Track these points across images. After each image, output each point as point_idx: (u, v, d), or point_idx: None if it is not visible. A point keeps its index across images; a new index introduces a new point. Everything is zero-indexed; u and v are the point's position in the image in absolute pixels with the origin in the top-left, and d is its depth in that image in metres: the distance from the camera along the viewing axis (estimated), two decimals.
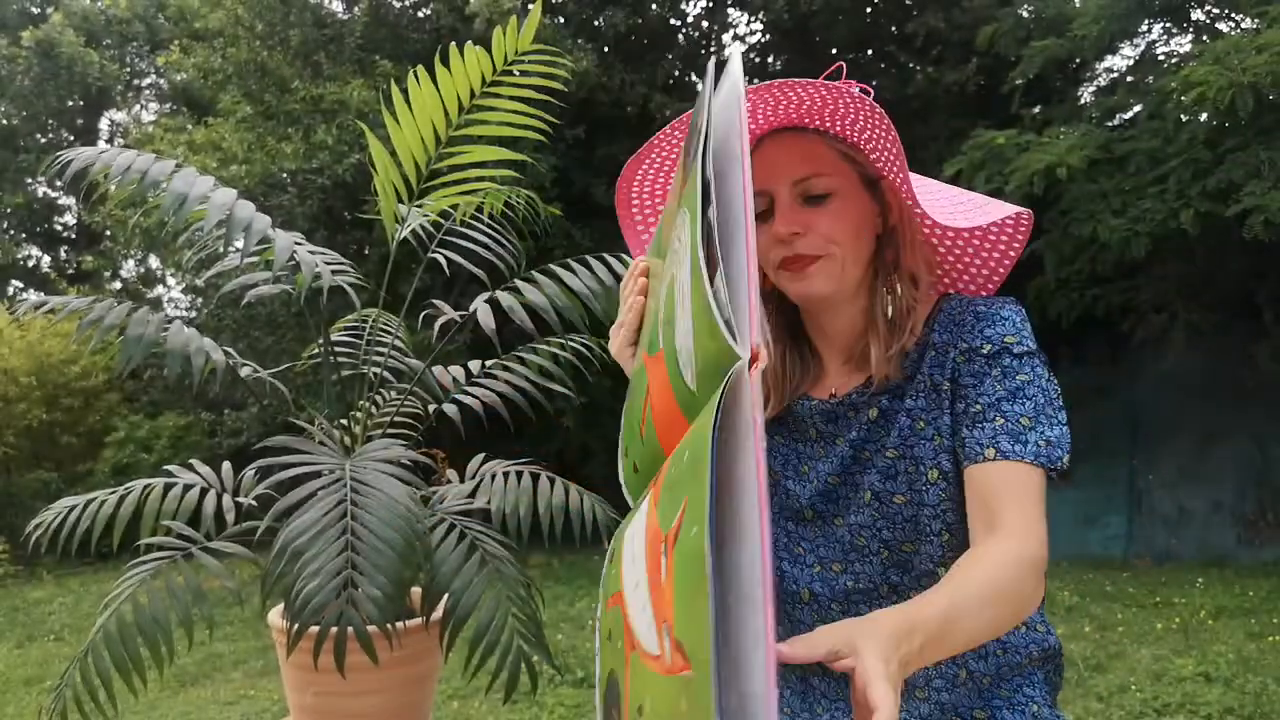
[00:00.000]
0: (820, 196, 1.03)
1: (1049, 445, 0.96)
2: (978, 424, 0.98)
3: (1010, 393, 0.99)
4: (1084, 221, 5.81)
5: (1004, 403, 0.98)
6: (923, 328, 1.08)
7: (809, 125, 1.04)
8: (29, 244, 14.98)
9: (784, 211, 1.03)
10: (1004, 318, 1.03)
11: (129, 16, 14.06)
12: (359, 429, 1.78)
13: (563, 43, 7.61)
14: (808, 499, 1.11)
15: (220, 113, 8.37)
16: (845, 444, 1.09)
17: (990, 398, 0.99)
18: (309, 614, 1.20)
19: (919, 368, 1.06)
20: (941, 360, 1.05)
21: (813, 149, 1.04)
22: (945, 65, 8.47)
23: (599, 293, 1.72)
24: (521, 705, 3.85)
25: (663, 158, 1.10)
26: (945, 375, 1.04)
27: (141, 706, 4.10)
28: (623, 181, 1.13)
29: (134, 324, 1.47)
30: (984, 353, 1.02)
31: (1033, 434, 0.96)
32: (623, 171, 1.12)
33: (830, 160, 1.04)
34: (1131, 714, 3.47)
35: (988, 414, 0.98)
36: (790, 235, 1.02)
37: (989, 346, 1.01)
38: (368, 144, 1.64)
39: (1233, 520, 6.54)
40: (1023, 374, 1.00)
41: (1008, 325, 1.02)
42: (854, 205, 1.05)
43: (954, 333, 1.05)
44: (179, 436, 9.15)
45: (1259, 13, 5.67)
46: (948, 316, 1.07)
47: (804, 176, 1.03)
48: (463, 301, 1.93)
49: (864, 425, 1.08)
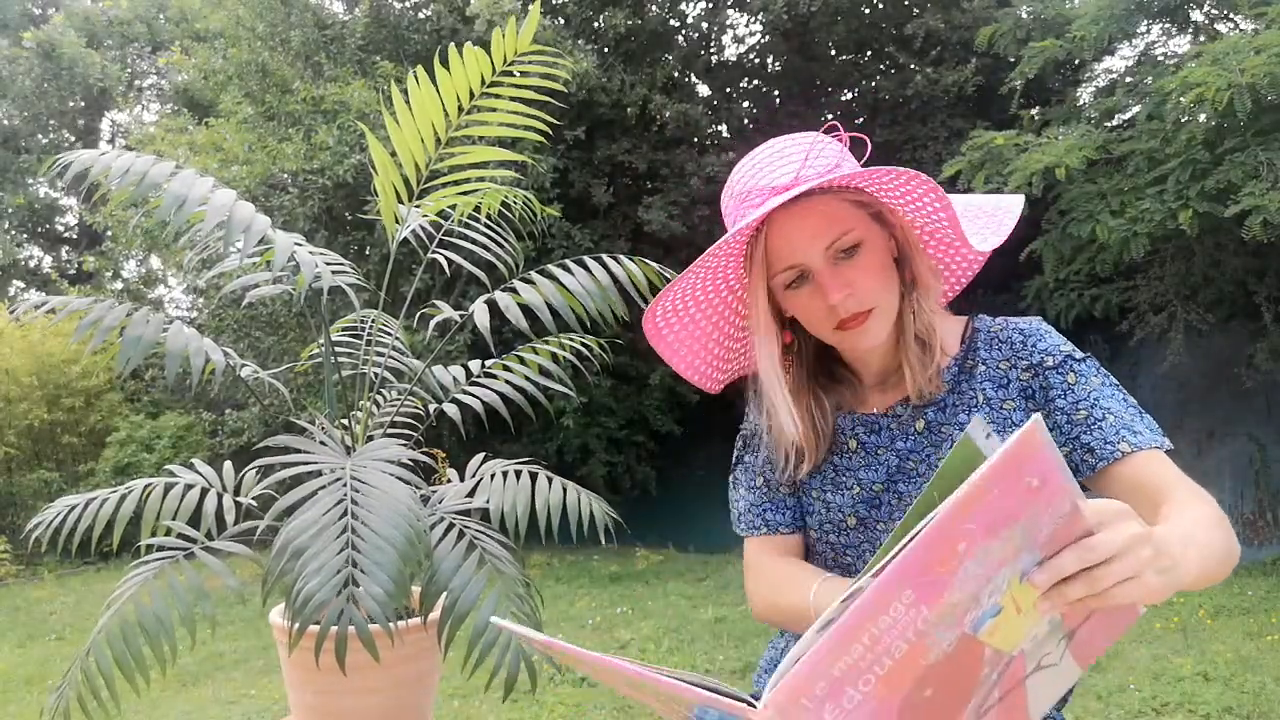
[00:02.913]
0: (851, 249, 1.04)
1: (1153, 431, 1.03)
2: (1093, 428, 1.03)
3: (1100, 393, 1.05)
4: (1083, 222, 5.82)
5: (1101, 402, 1.04)
6: (960, 346, 1.12)
7: (811, 189, 1.04)
8: (31, 244, 14.99)
9: (825, 278, 1.04)
10: (1046, 331, 1.10)
11: (130, 17, 14.08)
12: (360, 429, 1.78)
13: (563, 43, 7.62)
14: (850, 506, 1.13)
15: (221, 113, 8.38)
16: (891, 454, 1.12)
17: (1088, 402, 1.04)
18: (309, 612, 1.21)
19: (970, 383, 1.10)
20: (996, 377, 1.10)
21: (826, 209, 1.04)
22: (944, 66, 8.48)
23: (596, 293, 1.73)
24: (522, 704, 3.85)
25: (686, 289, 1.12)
26: (1008, 394, 1.09)
27: (143, 705, 4.11)
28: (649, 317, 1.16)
29: (133, 325, 1.48)
30: (1050, 365, 1.08)
31: (1139, 422, 1.03)
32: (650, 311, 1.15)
33: (845, 212, 1.05)
34: (1130, 713, 3.48)
35: (1096, 415, 1.04)
36: (845, 298, 1.03)
37: (1051, 359, 1.08)
38: (368, 145, 1.65)
39: (1232, 520, 6.51)
40: (1095, 375, 1.07)
41: (1054, 337, 1.10)
42: (878, 246, 1.07)
43: (1003, 351, 1.10)
44: (180, 436, 9.16)
45: (1257, 14, 5.67)
46: (989, 336, 1.12)
47: (833, 240, 1.03)
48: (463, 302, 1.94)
49: (911, 436, 1.11)
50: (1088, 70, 8.01)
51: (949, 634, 0.68)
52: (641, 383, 8.39)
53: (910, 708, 0.70)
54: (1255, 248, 5.62)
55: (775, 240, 1.04)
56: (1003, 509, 0.64)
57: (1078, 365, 1.07)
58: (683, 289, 1.12)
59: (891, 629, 0.65)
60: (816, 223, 1.03)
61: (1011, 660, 0.74)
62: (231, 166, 7.47)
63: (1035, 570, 0.68)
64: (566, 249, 7.70)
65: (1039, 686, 0.79)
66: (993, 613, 0.69)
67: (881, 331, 1.06)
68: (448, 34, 8.07)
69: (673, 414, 8.60)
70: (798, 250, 1.03)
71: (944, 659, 0.69)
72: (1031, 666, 0.76)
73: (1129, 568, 0.68)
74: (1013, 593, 0.69)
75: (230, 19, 8.53)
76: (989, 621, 0.69)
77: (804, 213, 1.03)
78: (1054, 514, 0.67)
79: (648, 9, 8.83)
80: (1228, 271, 6.28)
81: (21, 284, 14.50)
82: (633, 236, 8.45)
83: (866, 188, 1.04)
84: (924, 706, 0.71)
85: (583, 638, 4.93)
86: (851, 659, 0.65)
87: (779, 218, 1.04)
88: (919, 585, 0.65)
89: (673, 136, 8.74)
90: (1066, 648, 0.78)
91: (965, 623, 0.68)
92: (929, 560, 0.64)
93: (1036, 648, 0.75)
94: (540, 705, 3.84)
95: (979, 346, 1.11)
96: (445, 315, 1.96)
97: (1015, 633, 0.72)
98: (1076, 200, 5.92)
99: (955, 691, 0.72)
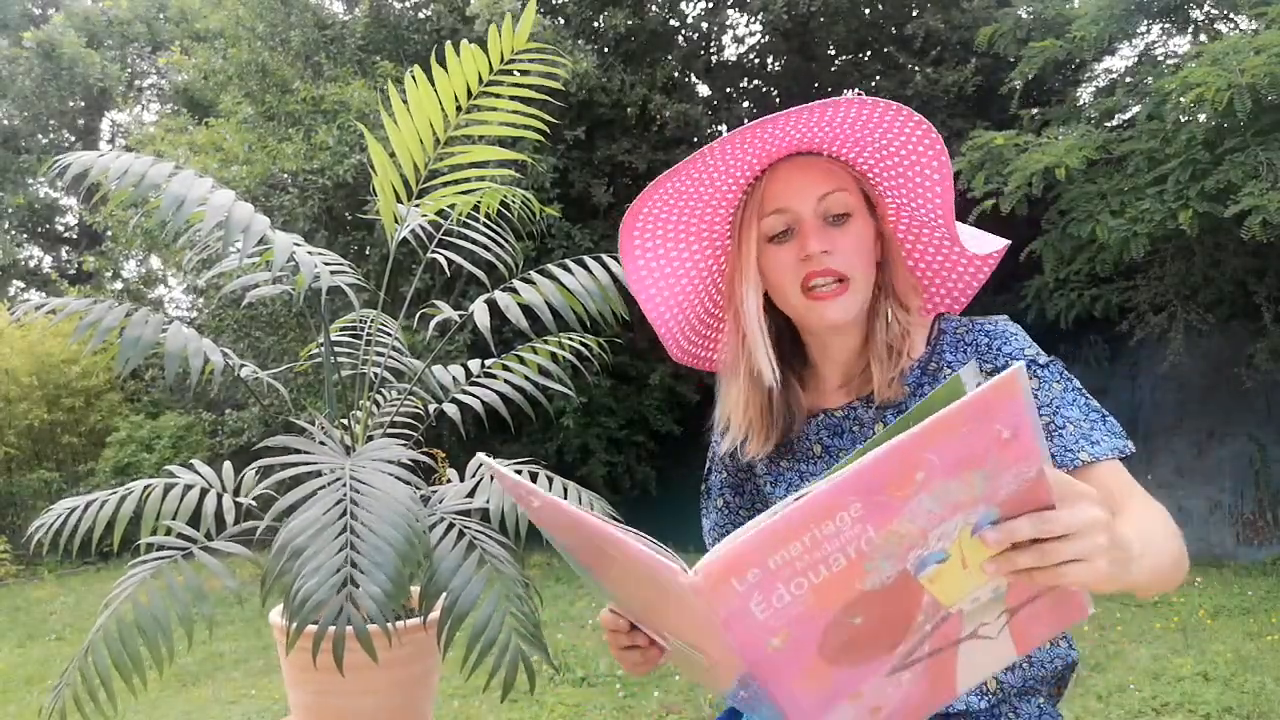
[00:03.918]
0: (841, 216, 1.07)
1: (1114, 436, 1.02)
2: (1052, 436, 1.03)
3: (1060, 401, 1.04)
4: (1083, 222, 5.81)
5: (1062, 410, 1.03)
6: (925, 347, 1.12)
7: (820, 151, 1.09)
8: (30, 244, 14.99)
9: (812, 230, 1.06)
10: (1012, 333, 1.09)
11: (130, 17, 14.07)
12: (359, 429, 1.78)
13: (563, 43, 7.61)
14: None
15: (221, 113, 8.38)
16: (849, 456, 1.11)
17: (1049, 409, 1.04)
18: (308, 611, 1.21)
19: (933, 386, 1.09)
20: None
21: (830, 168, 1.08)
22: (944, 66, 8.48)
23: (596, 292, 1.73)
24: (522, 704, 3.85)
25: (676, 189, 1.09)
26: None
27: (143, 705, 4.10)
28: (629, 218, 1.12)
29: (132, 325, 1.48)
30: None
31: (1099, 430, 1.02)
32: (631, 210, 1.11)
33: (847, 179, 1.09)
34: (1130, 713, 3.48)
35: (1056, 423, 1.03)
36: (821, 252, 1.05)
37: (1014, 363, 1.05)
38: (368, 145, 1.64)
39: (1231, 520, 6.54)
40: (1057, 381, 1.06)
41: (1019, 339, 1.08)
42: (865, 228, 1.09)
43: (968, 354, 1.09)
44: (180, 436, 9.15)
45: (1257, 14, 5.67)
46: (955, 338, 1.11)
47: (828, 191, 1.06)
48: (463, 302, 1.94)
49: (869, 439, 1.10)
50: (1088, 70, 8.01)
51: (890, 566, 0.68)
52: (641, 383, 8.39)
53: (837, 628, 0.70)
54: (1255, 248, 5.62)
55: (773, 184, 1.07)
56: (968, 450, 0.64)
57: (1040, 371, 1.06)
58: (673, 201, 1.09)
59: (834, 537, 0.65)
60: (816, 176, 1.07)
61: (948, 616, 0.74)
62: (231, 167, 7.46)
63: (989, 529, 0.68)
64: (566, 249, 7.69)
65: (972, 655, 0.79)
66: (938, 558, 0.69)
67: (851, 308, 1.07)
68: (448, 34, 8.07)
69: (673, 414, 8.60)
70: (794, 194, 1.06)
71: (881, 591, 0.69)
72: (967, 630, 0.76)
73: (1082, 549, 0.68)
74: (962, 545, 0.69)
75: (230, 19, 8.52)
76: (933, 566, 0.70)
77: (806, 165, 1.07)
78: (1019, 474, 0.67)
79: (648, 9, 8.83)
80: (1228, 271, 6.28)
81: (21, 284, 14.50)
82: None
83: (865, 159, 1.08)
84: (851, 633, 0.71)
85: (583, 638, 4.93)
86: (789, 555, 0.65)
87: (782, 165, 1.08)
88: (869, 503, 0.65)
89: (673, 136, 8.73)
90: (1006, 624, 0.78)
91: (909, 559, 0.69)
92: (884, 478, 0.64)
93: (976, 612, 0.75)
94: (540, 705, 3.84)
95: (944, 349, 1.11)
96: (445, 315, 1.96)
97: (957, 587, 0.72)
98: (1076, 200, 5.92)
99: (886, 628, 0.73)
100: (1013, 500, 0.68)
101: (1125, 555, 0.72)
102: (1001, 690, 1.08)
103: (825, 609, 0.69)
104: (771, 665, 0.71)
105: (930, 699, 0.80)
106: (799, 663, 0.71)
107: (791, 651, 0.70)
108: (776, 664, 0.71)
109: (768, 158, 1.07)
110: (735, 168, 1.07)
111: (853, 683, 0.74)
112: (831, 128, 1.03)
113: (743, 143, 1.02)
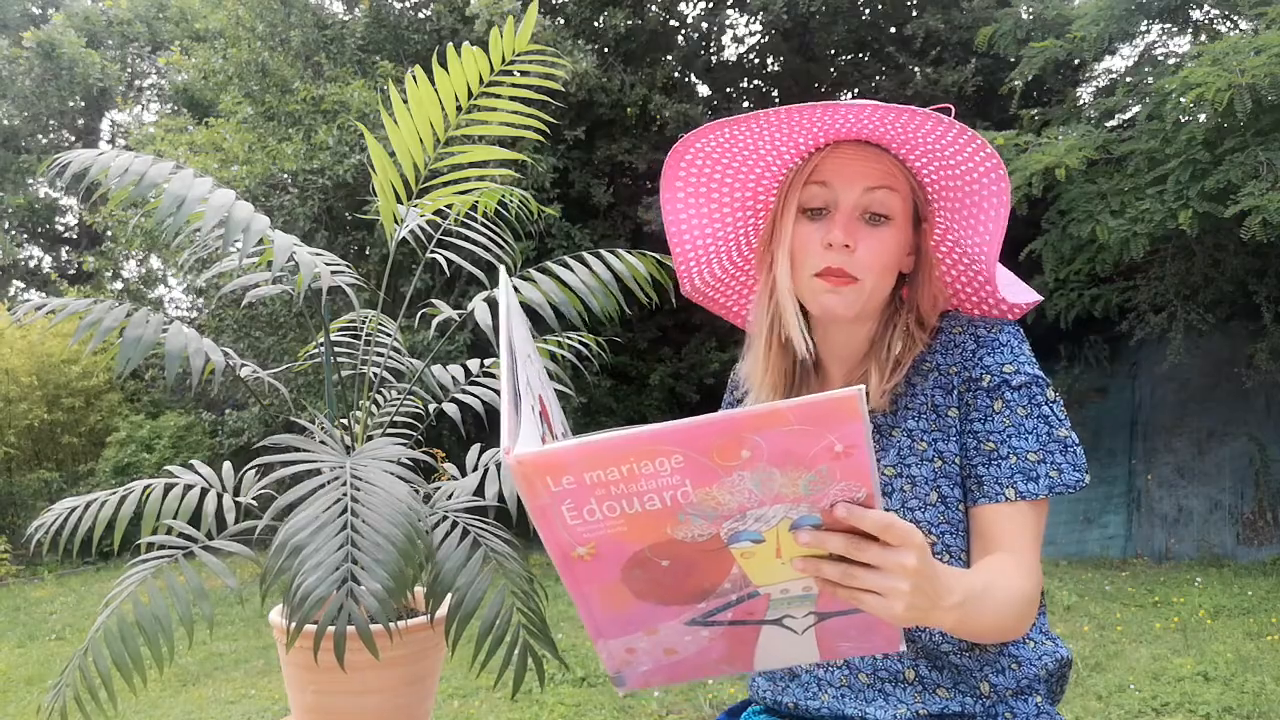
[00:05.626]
0: (879, 216, 1.05)
1: (1060, 474, 1.01)
2: (992, 463, 1.02)
3: (1016, 429, 1.02)
4: (1083, 222, 5.81)
5: (1012, 439, 1.02)
6: (923, 346, 1.12)
7: (888, 148, 1.07)
8: (30, 244, 14.99)
9: (844, 221, 1.04)
10: (1002, 344, 1.06)
11: (130, 17, 14.08)
12: (359, 428, 1.78)
13: (563, 43, 7.61)
14: None
15: (221, 113, 8.38)
16: None
17: (1000, 435, 1.02)
18: (308, 608, 1.21)
19: (920, 387, 1.09)
20: (944, 383, 1.08)
21: (889, 168, 1.06)
22: (944, 66, 8.48)
23: (598, 289, 1.73)
24: (522, 704, 3.85)
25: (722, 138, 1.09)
26: (951, 401, 1.07)
27: (143, 705, 4.11)
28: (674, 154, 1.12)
29: (133, 325, 1.48)
30: (984, 385, 1.04)
31: (1043, 467, 1.01)
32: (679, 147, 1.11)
33: (902, 183, 1.07)
34: (1130, 713, 3.48)
35: (1000, 451, 1.02)
36: (842, 246, 1.04)
37: (989, 378, 1.04)
38: (368, 145, 1.65)
39: (1231, 520, 6.53)
40: (1022, 407, 1.03)
41: (1006, 353, 1.05)
42: (900, 237, 1.08)
43: (954, 356, 1.08)
44: (180, 436, 9.16)
45: (1257, 13, 5.67)
46: (948, 338, 1.10)
47: (876, 185, 1.05)
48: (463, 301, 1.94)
49: None
50: (1088, 70, 8.02)
51: (703, 525, 0.71)
52: (641, 383, 8.39)
53: (641, 564, 0.73)
54: (1255, 248, 5.62)
55: (829, 159, 1.06)
56: (798, 448, 0.66)
57: (1010, 394, 1.04)
58: (729, 146, 1.09)
59: (651, 478, 0.67)
60: (872, 166, 1.05)
61: (756, 595, 0.77)
62: (231, 166, 7.46)
63: (806, 529, 0.71)
64: (566, 249, 7.70)
65: (773, 639, 0.81)
66: (754, 537, 0.72)
67: (854, 305, 1.06)
68: (448, 34, 8.07)
69: (673, 414, 8.60)
70: (842, 174, 1.05)
71: (691, 544, 0.72)
72: (772, 615, 0.79)
73: (882, 585, 0.71)
74: (780, 535, 0.72)
75: (230, 19, 8.52)
76: (747, 543, 0.72)
77: (867, 153, 1.06)
78: (848, 489, 0.69)
79: (648, 9, 8.83)
80: (1228, 271, 6.28)
81: (21, 284, 14.50)
82: (633, 236, 8.45)
83: (930, 172, 1.07)
84: (657, 572, 0.74)
85: (583, 637, 4.93)
86: (605, 477, 0.67)
87: (846, 145, 1.06)
88: (692, 461, 0.67)
89: (673, 136, 8.73)
90: (813, 626, 0.80)
91: (723, 528, 0.71)
92: (710, 442, 0.66)
93: (784, 603, 0.78)
94: (540, 705, 3.84)
95: (937, 350, 1.10)
96: (445, 315, 1.96)
97: (767, 572, 0.75)
98: (1076, 200, 5.92)
99: (690, 581, 0.75)
100: (836, 516, 0.71)
101: (929, 602, 0.74)
102: (995, 693, 1.08)
103: (635, 540, 0.72)
104: (573, 571, 0.74)
105: (725, 663, 0.84)
106: (600, 579, 0.74)
107: (595, 565, 0.73)
108: (578, 572, 0.74)
109: (836, 135, 1.06)
110: (801, 134, 1.06)
111: (651, 619, 0.78)
112: (907, 131, 1.02)
113: (818, 116, 1.01)
